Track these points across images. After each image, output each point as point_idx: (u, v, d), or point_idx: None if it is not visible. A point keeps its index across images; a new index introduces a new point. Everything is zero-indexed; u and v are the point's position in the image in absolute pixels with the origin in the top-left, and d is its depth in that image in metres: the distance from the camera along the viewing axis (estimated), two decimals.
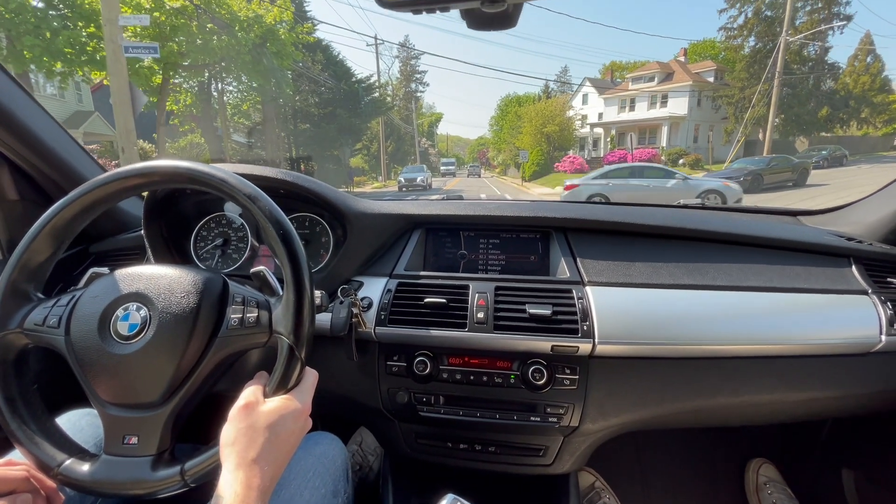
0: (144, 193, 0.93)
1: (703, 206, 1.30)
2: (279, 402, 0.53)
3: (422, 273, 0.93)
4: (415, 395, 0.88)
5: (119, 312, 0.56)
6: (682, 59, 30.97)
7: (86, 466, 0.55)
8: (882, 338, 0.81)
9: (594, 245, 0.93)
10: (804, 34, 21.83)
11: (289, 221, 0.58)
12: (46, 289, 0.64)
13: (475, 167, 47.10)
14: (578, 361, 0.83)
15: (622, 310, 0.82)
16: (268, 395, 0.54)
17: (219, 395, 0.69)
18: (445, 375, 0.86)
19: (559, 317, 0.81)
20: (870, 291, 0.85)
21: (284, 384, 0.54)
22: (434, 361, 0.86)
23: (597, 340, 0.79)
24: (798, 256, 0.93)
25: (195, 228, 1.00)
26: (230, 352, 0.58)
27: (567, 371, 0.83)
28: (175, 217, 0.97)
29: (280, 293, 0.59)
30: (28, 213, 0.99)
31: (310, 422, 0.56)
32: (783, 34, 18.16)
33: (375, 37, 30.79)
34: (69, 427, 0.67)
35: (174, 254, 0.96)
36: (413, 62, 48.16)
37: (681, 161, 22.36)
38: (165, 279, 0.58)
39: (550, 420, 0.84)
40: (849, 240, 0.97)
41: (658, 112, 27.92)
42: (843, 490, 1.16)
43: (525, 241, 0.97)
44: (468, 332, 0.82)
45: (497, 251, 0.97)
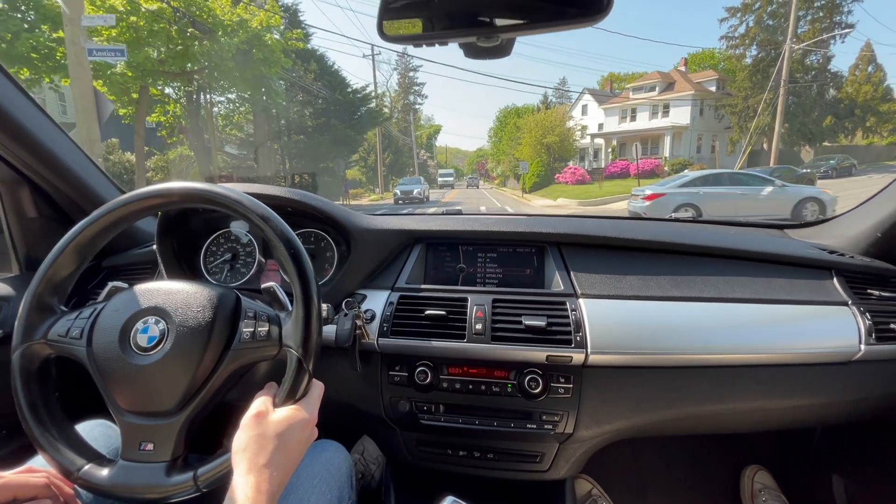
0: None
1: (694, 220, 1.39)
2: (288, 412, 0.57)
3: (422, 286, 1.00)
4: (416, 404, 0.94)
5: (139, 325, 0.61)
6: (683, 69, 31.42)
7: (104, 471, 0.59)
8: (861, 347, 0.87)
9: (587, 259, 1.00)
10: (809, 42, 22.13)
11: (299, 242, 0.64)
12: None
13: (474, 178, 48.61)
14: (572, 371, 0.89)
15: (614, 321, 0.89)
16: (277, 405, 0.58)
17: (229, 404, 0.75)
18: (445, 385, 0.92)
19: (554, 328, 0.88)
20: (850, 302, 0.92)
21: (293, 395, 0.59)
22: (434, 371, 0.93)
23: (589, 350, 0.86)
24: (782, 269, 1.00)
25: (204, 244, 1.08)
26: (242, 363, 0.63)
27: (561, 380, 0.89)
28: (185, 234, 1.04)
29: (289, 308, 0.64)
30: (46, 230, 1.06)
31: (316, 431, 0.60)
32: (788, 41, 18.30)
33: (372, 46, 31.36)
34: (83, 436, 0.72)
35: (185, 268, 1.03)
36: (411, 74, 49.13)
37: (685, 171, 22.45)
38: (182, 294, 0.63)
39: (546, 427, 0.90)
40: (831, 252, 1.04)
41: (660, 122, 28.28)
42: (834, 496, 1.21)
43: (521, 255, 1.05)
44: (467, 343, 0.89)
45: (494, 265, 1.05)
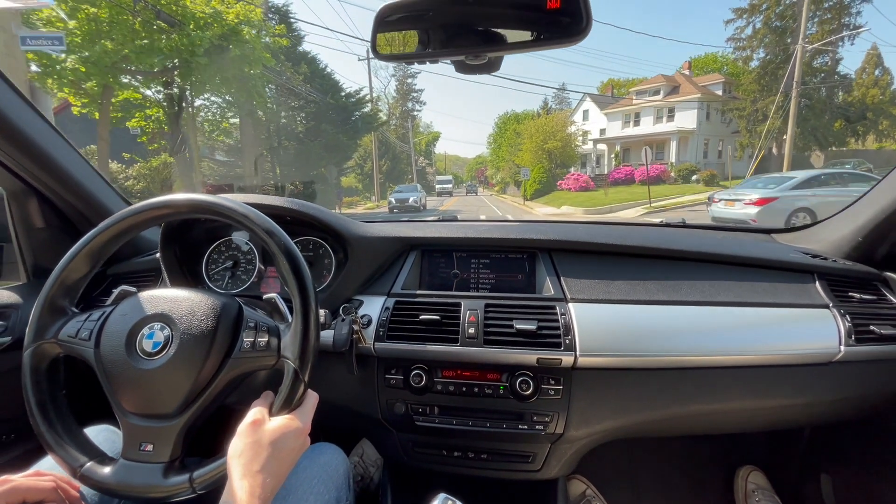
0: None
1: (684, 225, 1.47)
2: (283, 422, 0.61)
3: (417, 292, 1.08)
4: (411, 406, 1.01)
5: (145, 331, 0.66)
6: (688, 73, 31.46)
7: (105, 469, 0.63)
8: (841, 348, 0.94)
9: (577, 264, 1.08)
10: (821, 42, 22.07)
11: (301, 257, 0.68)
12: None
13: (472, 185, 49.25)
14: (562, 373, 0.96)
15: (602, 325, 0.96)
16: (273, 414, 0.62)
17: (228, 408, 0.80)
18: (440, 387, 0.99)
19: (544, 331, 0.95)
20: (831, 305, 0.99)
21: (288, 404, 0.63)
22: (429, 374, 0.99)
23: (578, 353, 0.93)
24: (766, 273, 1.07)
25: (206, 252, 1.15)
26: (241, 372, 0.67)
27: (552, 382, 0.96)
28: (188, 242, 1.12)
29: (289, 319, 0.69)
30: (53, 240, 1.13)
31: (308, 440, 0.64)
32: (800, 41, 18.10)
33: (368, 51, 31.73)
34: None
35: (187, 276, 1.10)
36: (409, 80, 49.68)
37: (694, 177, 22.32)
38: (187, 302, 0.68)
39: (537, 428, 0.97)
40: (814, 257, 1.11)
41: (665, 126, 28.30)
42: (823, 496, 1.27)
43: (513, 261, 1.13)
44: (460, 347, 0.96)
45: (487, 270, 1.13)
